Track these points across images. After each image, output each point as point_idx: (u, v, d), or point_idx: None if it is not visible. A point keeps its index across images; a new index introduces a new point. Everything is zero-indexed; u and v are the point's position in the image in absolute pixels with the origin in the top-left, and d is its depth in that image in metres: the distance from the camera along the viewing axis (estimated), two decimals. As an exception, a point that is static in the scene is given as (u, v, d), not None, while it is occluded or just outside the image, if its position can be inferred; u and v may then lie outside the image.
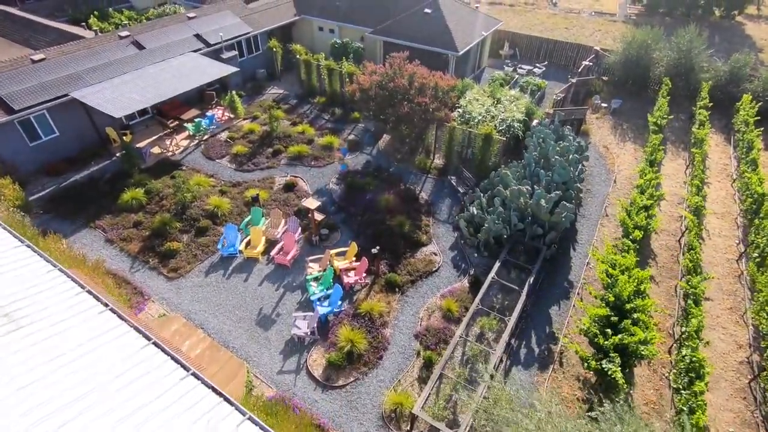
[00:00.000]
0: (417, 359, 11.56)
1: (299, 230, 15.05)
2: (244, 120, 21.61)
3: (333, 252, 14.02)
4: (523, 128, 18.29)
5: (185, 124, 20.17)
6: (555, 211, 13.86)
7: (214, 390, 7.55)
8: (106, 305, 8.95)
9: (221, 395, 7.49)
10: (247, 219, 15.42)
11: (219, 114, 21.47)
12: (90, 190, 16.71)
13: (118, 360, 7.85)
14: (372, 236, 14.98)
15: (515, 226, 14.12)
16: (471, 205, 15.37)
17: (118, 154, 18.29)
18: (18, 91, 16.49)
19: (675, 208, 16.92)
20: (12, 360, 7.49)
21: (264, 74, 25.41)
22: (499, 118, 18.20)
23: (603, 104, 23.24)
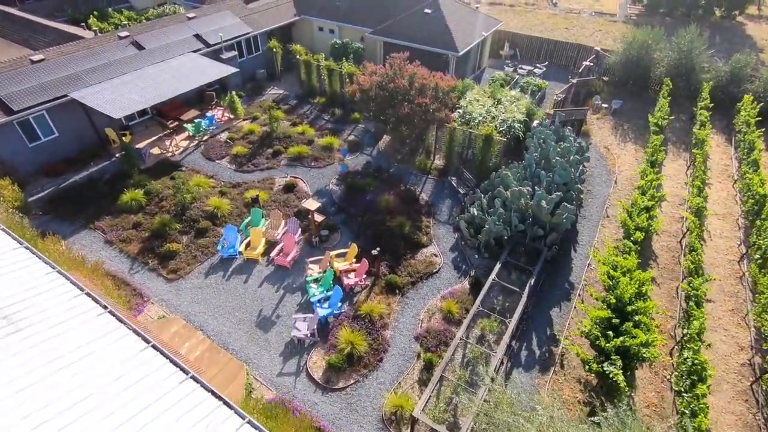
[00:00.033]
0: (417, 361, 11.51)
1: (299, 231, 15.01)
2: (244, 120, 21.57)
3: (333, 253, 13.98)
4: (524, 129, 18.24)
5: (185, 125, 20.13)
6: (556, 213, 13.81)
7: (214, 393, 7.50)
8: (105, 307, 8.90)
9: (220, 398, 7.43)
10: (247, 220, 15.37)
11: (219, 114, 21.43)
12: (89, 191, 16.67)
13: (117, 363, 7.80)
14: (372, 237, 14.94)
15: (516, 228, 14.07)
16: (471, 206, 15.32)
17: (118, 155, 18.24)
18: (17, 92, 16.44)
19: (676, 209, 16.87)
20: (11, 362, 7.45)
21: (264, 75, 25.36)
22: (500, 119, 18.16)
23: (603, 105, 23.20)
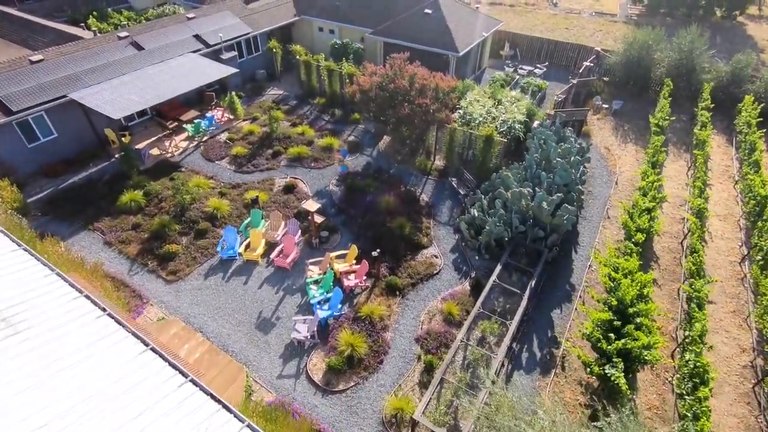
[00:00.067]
0: (418, 363, 11.46)
1: (299, 232, 14.95)
2: (244, 121, 21.51)
3: (333, 255, 13.92)
4: (524, 129, 18.20)
5: (184, 126, 20.07)
6: (557, 214, 13.76)
7: (213, 397, 7.44)
8: (104, 310, 8.85)
9: (220, 402, 7.38)
10: (247, 221, 15.32)
11: (218, 115, 21.37)
12: (88, 192, 16.61)
13: (116, 366, 7.75)
14: (372, 238, 14.88)
15: (516, 229, 14.02)
16: (472, 207, 15.27)
17: (117, 156, 18.18)
18: (16, 93, 16.39)
19: (677, 210, 16.82)
20: (9, 365, 7.40)
21: (264, 75, 25.31)
22: (500, 120, 18.11)
23: (604, 105, 23.15)
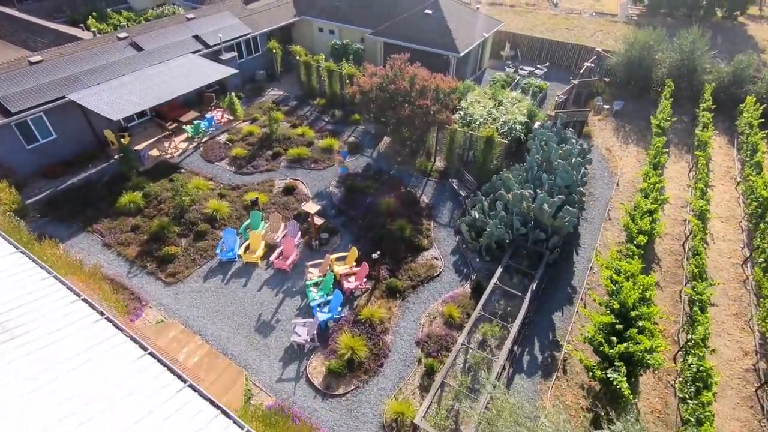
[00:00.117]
0: (418, 367, 11.38)
1: (299, 234, 14.87)
2: (244, 122, 21.44)
3: (333, 257, 13.84)
4: (525, 131, 18.12)
5: (184, 126, 20.00)
6: (558, 216, 13.69)
7: (212, 402, 7.37)
8: (102, 314, 8.78)
9: (219, 407, 7.31)
10: (246, 223, 15.24)
11: (218, 116, 21.30)
12: (87, 194, 16.53)
13: (114, 371, 7.68)
14: (372, 240, 14.80)
15: (517, 231, 13.94)
16: (472, 209, 15.19)
17: (116, 157, 18.11)
18: (15, 93, 16.32)
19: (678, 212, 16.75)
20: (7, 370, 7.33)
21: (263, 75, 25.24)
22: (501, 121, 18.04)
23: (605, 106, 23.07)
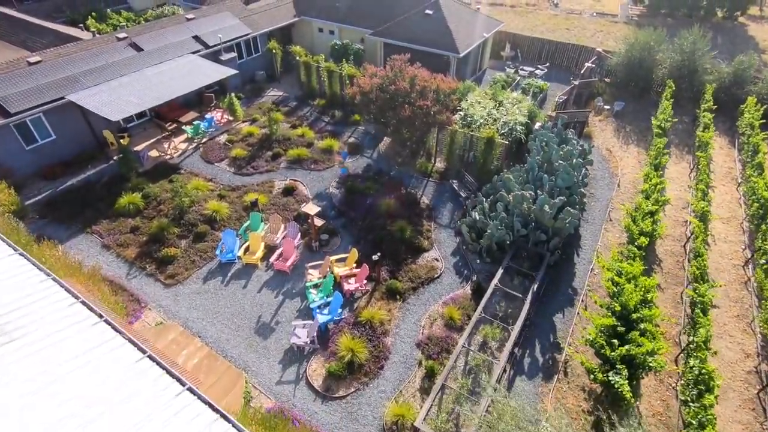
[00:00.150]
0: (419, 369, 11.33)
1: (299, 236, 14.82)
2: (243, 122, 21.39)
3: (333, 258, 13.79)
4: (526, 131, 18.07)
5: (183, 127, 19.94)
6: (559, 217, 13.64)
7: (211, 406, 7.31)
8: (101, 316, 8.72)
9: (218, 411, 7.25)
10: (246, 224, 15.19)
11: (218, 116, 21.25)
12: (87, 194, 16.49)
13: (113, 374, 7.62)
14: (372, 242, 14.75)
15: (518, 232, 13.90)
16: (473, 210, 15.15)
17: (116, 158, 18.06)
18: (14, 94, 16.27)
19: (679, 213, 16.69)
20: (5, 373, 7.28)
21: (263, 76, 25.19)
22: (501, 121, 17.98)
23: (606, 106, 23.03)
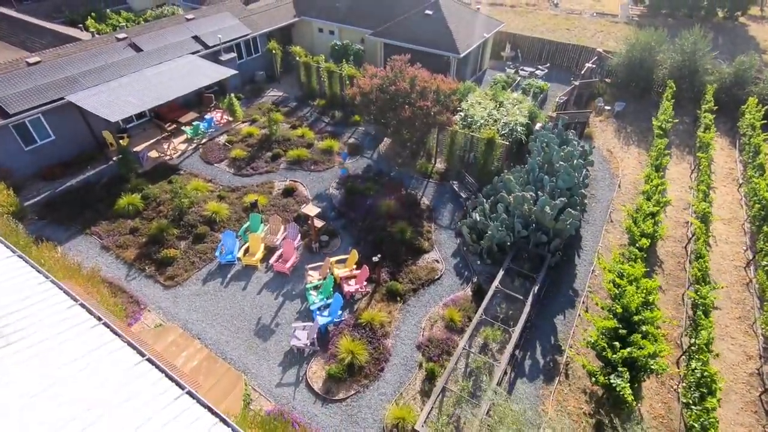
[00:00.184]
0: (419, 371, 11.28)
1: (298, 237, 14.77)
2: (243, 123, 21.34)
3: (333, 260, 13.75)
4: (526, 132, 18.02)
5: (183, 128, 19.89)
6: (560, 218, 13.59)
7: (210, 410, 7.27)
8: (100, 319, 8.67)
9: (217, 415, 7.20)
10: (246, 225, 15.14)
11: (217, 117, 21.20)
12: (86, 195, 16.44)
13: (112, 377, 7.57)
14: (373, 243, 14.70)
15: (519, 233, 13.85)
16: (473, 211, 15.09)
17: (115, 158, 18.02)
18: (13, 95, 16.22)
19: (680, 214, 16.64)
20: (4, 375, 7.23)
21: (263, 76, 25.15)
22: (502, 122, 17.93)
23: (606, 107, 22.97)
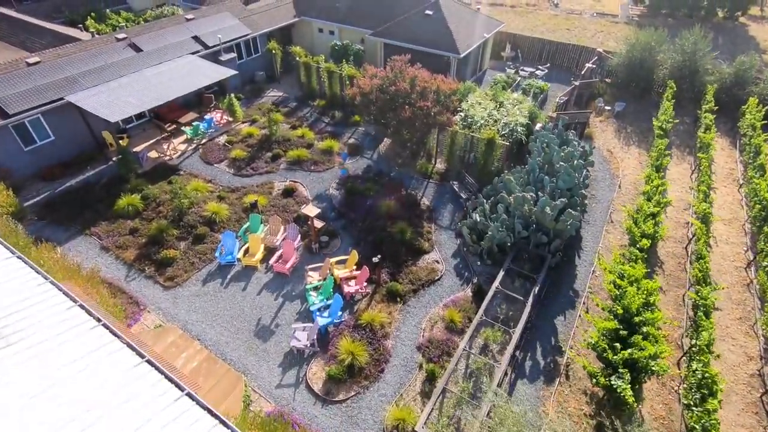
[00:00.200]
0: (419, 372, 11.25)
1: (298, 237, 14.74)
2: (243, 123, 21.31)
3: (333, 260, 13.72)
4: (526, 132, 18.00)
5: (183, 128, 19.86)
6: (560, 219, 13.56)
7: (210, 412, 7.24)
8: (99, 320, 8.65)
9: (217, 417, 7.18)
10: (246, 226, 15.11)
11: (217, 117, 21.17)
12: (86, 196, 16.41)
13: (111, 379, 7.55)
14: (373, 243, 14.68)
15: (519, 234, 13.82)
16: (474, 212, 15.07)
17: (115, 159, 17.99)
18: (12, 95, 16.20)
19: (681, 214, 16.62)
20: (3, 377, 7.21)
21: (263, 76, 25.12)
22: (502, 122, 17.90)
23: (606, 107, 22.95)
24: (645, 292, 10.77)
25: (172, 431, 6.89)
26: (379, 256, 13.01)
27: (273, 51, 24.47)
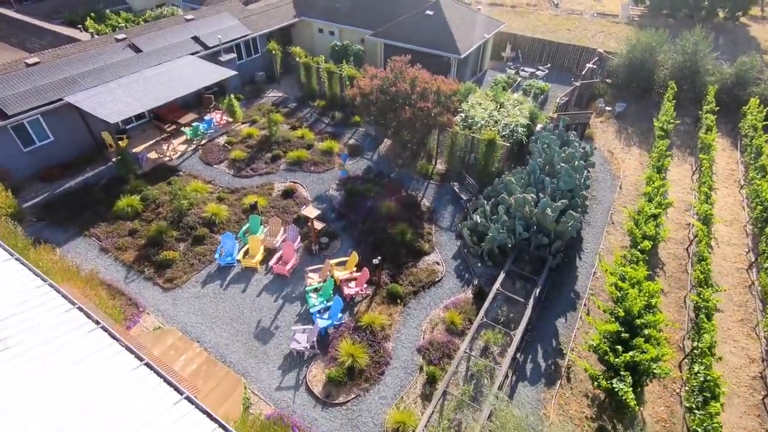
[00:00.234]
0: (420, 375, 11.20)
1: (298, 239, 14.69)
2: (243, 124, 21.26)
3: (333, 262, 13.67)
4: (527, 133, 17.95)
5: (182, 129, 19.81)
6: (561, 220, 13.51)
7: (209, 416, 7.19)
8: (98, 323, 8.60)
9: (216, 421, 7.13)
10: (245, 227, 15.06)
11: (217, 118, 21.12)
12: (85, 197, 16.36)
13: (109, 382, 7.50)
14: (373, 245, 14.63)
15: (520, 235, 13.77)
16: (474, 213, 15.02)
17: (114, 160, 17.94)
18: (12, 96, 16.15)
19: (682, 215, 16.57)
20: (2, 379, 7.16)
21: (263, 77, 25.07)
22: (503, 123, 17.86)
23: (607, 108, 22.90)
24: (646, 294, 10.72)
25: (171, 435, 6.85)
26: (380, 258, 12.96)
27: (273, 51, 24.41)
